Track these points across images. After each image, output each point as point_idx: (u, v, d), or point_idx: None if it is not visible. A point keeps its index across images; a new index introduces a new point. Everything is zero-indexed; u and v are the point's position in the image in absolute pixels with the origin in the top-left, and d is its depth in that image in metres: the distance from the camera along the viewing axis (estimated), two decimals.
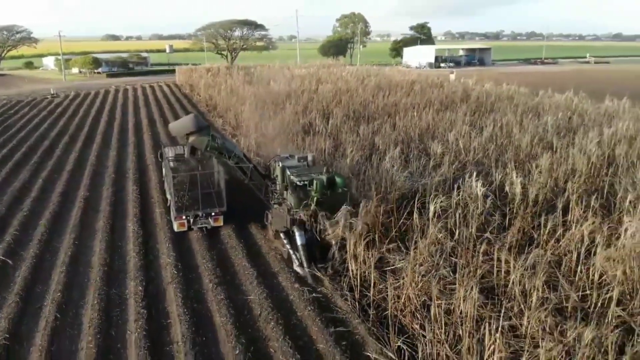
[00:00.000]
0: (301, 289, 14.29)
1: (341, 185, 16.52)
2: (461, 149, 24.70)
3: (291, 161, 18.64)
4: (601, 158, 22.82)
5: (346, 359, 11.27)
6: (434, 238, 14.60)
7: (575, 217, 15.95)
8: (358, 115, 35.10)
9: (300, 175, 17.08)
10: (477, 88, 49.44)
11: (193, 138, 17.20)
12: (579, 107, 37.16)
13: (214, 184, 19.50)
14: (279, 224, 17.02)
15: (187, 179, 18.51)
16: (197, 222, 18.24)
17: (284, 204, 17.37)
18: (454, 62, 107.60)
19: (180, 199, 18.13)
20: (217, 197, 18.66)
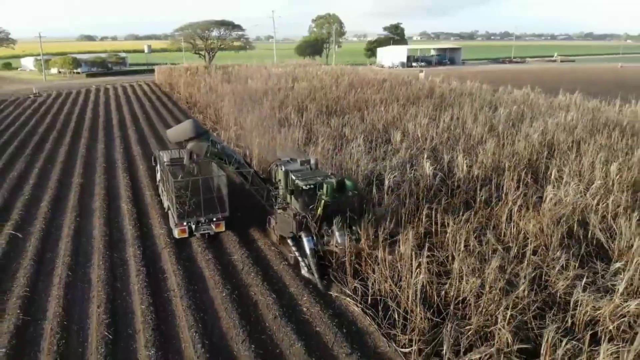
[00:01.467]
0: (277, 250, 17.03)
1: (351, 188, 16.15)
2: (419, 137, 27.64)
3: (294, 165, 18.21)
4: (542, 144, 25.94)
5: (313, 298, 14.02)
6: (386, 204, 17.50)
7: (508, 189, 18.90)
8: (331, 110, 37.86)
9: (305, 179, 16.54)
10: (442, 85, 52.70)
11: (192, 144, 16.92)
12: (533, 101, 40.56)
13: (215, 189, 18.75)
14: (285, 230, 16.70)
15: (188, 184, 17.76)
16: (199, 228, 17.89)
17: (288, 209, 16.96)
18: (425, 62, 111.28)
19: (181, 205, 17.49)
20: (219, 202, 18.11)
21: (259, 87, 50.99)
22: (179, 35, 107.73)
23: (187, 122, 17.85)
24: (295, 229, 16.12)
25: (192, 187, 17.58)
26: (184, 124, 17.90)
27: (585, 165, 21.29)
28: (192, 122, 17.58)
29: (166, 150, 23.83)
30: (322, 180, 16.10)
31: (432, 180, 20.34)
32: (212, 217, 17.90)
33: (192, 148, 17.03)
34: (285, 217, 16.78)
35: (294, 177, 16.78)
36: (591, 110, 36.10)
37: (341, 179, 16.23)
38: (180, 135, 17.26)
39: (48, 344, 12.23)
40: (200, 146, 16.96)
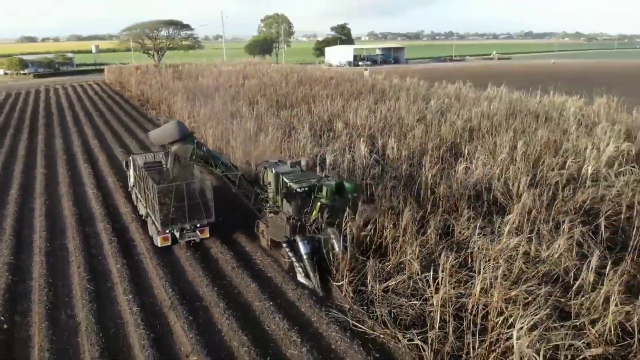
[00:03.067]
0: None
1: (351, 191, 15.91)
2: (358, 126, 30.82)
3: (283, 167, 17.84)
4: (464, 129, 29.56)
5: (265, 253, 16.73)
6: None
7: (429, 164, 22.18)
8: (280, 104, 40.58)
9: (299, 181, 16.23)
10: (384, 82, 56.32)
11: (176, 147, 16.34)
12: (463, 94, 44.63)
13: (199, 193, 17.67)
14: (278, 234, 16.31)
15: (171, 189, 16.71)
16: (184, 235, 17.16)
17: (280, 213, 16.43)
18: (371, 61, 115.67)
19: (165, 212, 16.68)
20: (204, 208, 17.24)
21: (210, 84, 53.16)
22: (127, 34, 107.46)
23: (171, 124, 17.01)
24: (289, 233, 15.63)
25: (176, 192, 16.62)
26: (167, 126, 17.01)
27: (498, 144, 24.94)
28: (177, 124, 16.78)
29: (140, 154, 22.59)
30: (316, 182, 15.92)
31: (368, 160, 23.47)
32: (197, 224, 17.14)
33: (177, 151, 16.44)
34: (277, 221, 16.29)
35: (287, 180, 16.41)
36: (513, 100, 40.28)
37: (340, 181, 16.12)
38: (165, 137, 16.58)
39: (38, 296, 14.38)
40: (185, 149, 16.38)
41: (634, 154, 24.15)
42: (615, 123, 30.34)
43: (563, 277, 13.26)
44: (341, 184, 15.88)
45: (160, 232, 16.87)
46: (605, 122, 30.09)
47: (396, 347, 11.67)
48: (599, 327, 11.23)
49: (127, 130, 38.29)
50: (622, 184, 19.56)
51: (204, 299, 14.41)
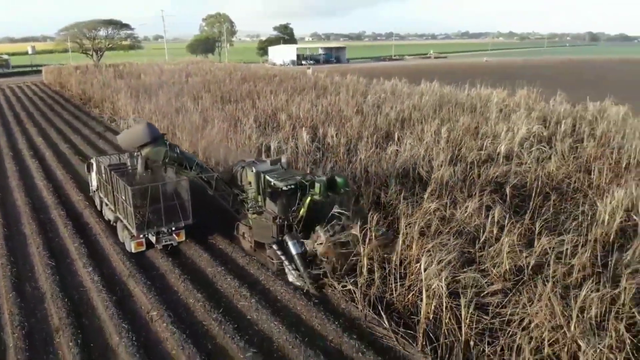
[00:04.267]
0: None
1: (342, 186, 15.59)
2: (301, 117, 32.73)
3: (263, 165, 17.12)
4: (397, 119, 32.06)
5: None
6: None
7: (364, 149, 24.35)
8: (225, 100, 41.88)
9: (284, 179, 15.69)
10: (326, 79, 58.52)
11: (148, 149, 15.55)
12: (399, 89, 47.45)
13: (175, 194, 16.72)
14: (263, 236, 15.60)
15: (147, 191, 15.73)
16: (161, 239, 16.44)
17: (265, 213, 15.73)
18: (313, 60, 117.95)
19: (140, 215, 15.91)
20: (180, 209, 16.50)
21: (153, 82, 53.64)
22: (65, 35, 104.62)
23: (140, 126, 16.07)
24: (276, 234, 15.13)
25: (151, 193, 15.74)
26: (136, 128, 16.15)
27: (425, 131, 27.48)
28: (146, 126, 15.84)
29: (102, 156, 21.44)
30: (302, 180, 15.59)
31: (310, 146, 25.41)
32: (174, 226, 16.50)
33: (148, 154, 15.64)
34: (262, 222, 15.62)
35: (270, 178, 15.86)
36: (444, 93, 43.38)
37: (331, 176, 15.87)
38: (134, 140, 15.72)
39: (2, 273, 15.35)
40: (157, 152, 15.63)
41: (545, 135, 27.35)
42: (532, 111, 33.76)
43: (473, 234, 15.62)
44: (333, 179, 15.57)
45: (135, 236, 16.13)
46: (523, 110, 33.46)
47: (333, 294, 13.62)
48: (499, 269, 13.60)
49: (71, 128, 38.47)
50: (531, 160, 22.48)
51: (160, 268, 15.84)
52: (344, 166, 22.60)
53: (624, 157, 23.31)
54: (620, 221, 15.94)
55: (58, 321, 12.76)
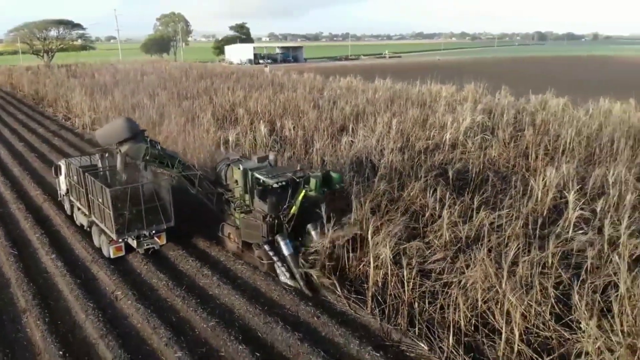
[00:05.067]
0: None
1: (337, 181, 15.30)
2: (259, 112, 33.52)
3: (250, 163, 16.59)
4: (352, 112, 33.27)
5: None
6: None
7: (319, 140, 25.38)
8: (182, 96, 42.11)
9: (274, 176, 15.17)
10: (284, 77, 59.38)
11: (127, 146, 14.73)
12: (354, 86, 48.83)
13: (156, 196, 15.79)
14: (252, 236, 15.07)
15: (127, 193, 14.93)
16: (142, 243, 15.73)
17: (254, 212, 15.18)
18: (271, 59, 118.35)
19: (121, 218, 15.02)
20: (162, 211, 15.71)
21: (107, 80, 53.17)
22: (14, 35, 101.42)
23: (119, 121, 15.51)
24: (266, 233, 14.65)
25: (132, 195, 15.00)
26: (115, 123, 15.49)
27: (377, 123, 28.75)
28: (126, 121, 15.23)
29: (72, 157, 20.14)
30: (293, 177, 15.11)
31: (268, 139, 26.28)
32: (156, 229, 15.73)
33: (128, 151, 14.82)
34: (251, 222, 15.03)
35: (259, 176, 15.27)
36: (396, 89, 45.01)
37: (327, 172, 15.45)
38: (112, 136, 14.96)
39: None
40: (137, 148, 14.85)
41: (489, 125, 29.09)
42: (478, 104, 35.62)
43: (418, 211, 16.86)
44: (328, 175, 15.16)
45: (113, 241, 15.50)
46: (470, 103, 35.29)
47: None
48: (441, 240, 14.86)
49: (25, 127, 37.88)
50: (475, 147, 24.07)
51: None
52: (301, 156, 23.56)
53: (561, 143, 25.18)
54: (554, 197, 17.52)
55: (25, 303, 13.20)
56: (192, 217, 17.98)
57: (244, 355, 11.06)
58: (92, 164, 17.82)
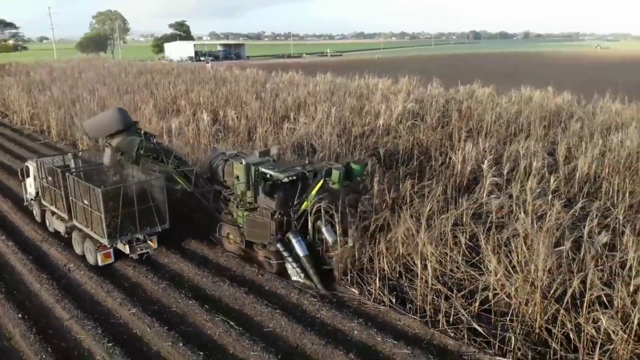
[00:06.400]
0: None
1: (359, 173, 14.20)
2: (201, 103, 34.30)
3: (251, 157, 15.49)
4: (294, 103, 34.64)
5: None
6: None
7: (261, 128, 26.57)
8: (122, 91, 42.09)
9: (284, 170, 14.21)
10: (226, 73, 59.94)
11: (120, 139, 13.53)
12: (296, 80, 50.23)
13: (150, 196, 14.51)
14: (259, 235, 14.20)
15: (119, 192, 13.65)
16: (135, 248, 14.50)
17: (260, 209, 14.34)
18: (212, 57, 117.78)
19: (112, 221, 13.71)
20: (156, 212, 14.52)
21: (44, 78, 52.05)
22: None
23: (110, 112, 14.36)
24: (275, 231, 13.88)
25: (124, 195, 13.74)
26: (106, 114, 14.36)
27: (318, 111, 30.26)
28: (118, 112, 14.10)
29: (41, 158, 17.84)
30: (303, 170, 14.27)
31: (212, 128, 27.20)
32: (150, 232, 14.55)
33: (120, 145, 13.58)
34: (257, 220, 14.15)
35: (266, 170, 14.27)
36: (337, 83, 46.77)
37: (346, 164, 14.25)
38: (103, 128, 13.82)
39: None
40: (130, 141, 13.61)
41: (420, 113, 31.19)
42: (411, 94, 37.84)
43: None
44: (348, 166, 13.96)
45: (101, 247, 14.14)
46: (404, 94, 37.44)
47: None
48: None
49: None
50: (406, 131, 25.99)
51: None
52: (245, 143, 24.68)
53: (483, 126, 27.55)
54: (472, 169, 19.56)
55: None
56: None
57: (194, 309, 12.19)
58: (65, 164, 16.16)
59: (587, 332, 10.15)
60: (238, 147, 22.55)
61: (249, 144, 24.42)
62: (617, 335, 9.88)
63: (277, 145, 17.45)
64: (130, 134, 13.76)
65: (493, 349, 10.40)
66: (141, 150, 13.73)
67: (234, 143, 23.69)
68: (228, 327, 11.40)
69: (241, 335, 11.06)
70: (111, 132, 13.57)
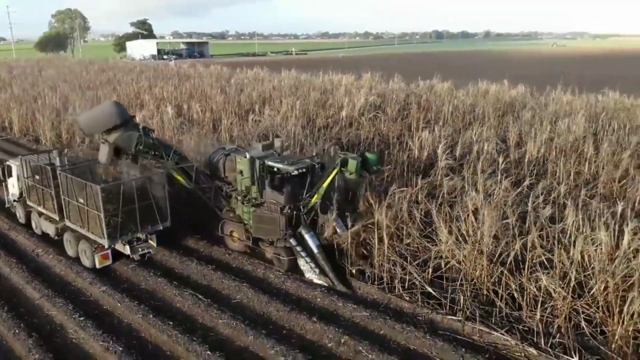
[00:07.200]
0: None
1: (374, 162, 13.58)
2: (165, 98, 34.46)
3: (254, 151, 15.00)
4: (259, 97, 35.19)
5: None
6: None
7: (226, 120, 27.02)
8: (85, 87, 41.76)
9: (293, 163, 13.92)
10: (190, 70, 59.85)
11: (118, 134, 12.84)
12: (261, 76, 50.71)
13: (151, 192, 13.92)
14: (268, 231, 13.63)
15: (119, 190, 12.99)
16: (136, 249, 13.91)
17: (267, 204, 13.79)
18: (176, 55, 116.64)
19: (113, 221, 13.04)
20: (157, 210, 13.98)
21: (5, 76, 51.14)
22: None
23: (106, 106, 13.57)
24: (284, 227, 13.33)
25: (125, 192, 13.09)
26: (102, 109, 13.51)
27: (283, 104, 30.90)
28: (114, 105, 13.35)
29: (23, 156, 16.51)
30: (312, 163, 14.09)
31: (176, 120, 27.51)
32: (151, 231, 14.00)
33: (118, 140, 12.93)
34: (265, 216, 13.61)
35: (273, 164, 13.90)
36: (301, 79, 47.51)
37: (361, 153, 13.81)
38: (100, 123, 12.94)
39: None
40: (128, 137, 12.96)
41: (382, 107, 32.19)
42: (373, 89, 38.89)
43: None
44: (363, 156, 13.41)
45: (98, 248, 13.46)
46: (366, 89, 38.44)
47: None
48: None
49: None
50: (368, 123, 26.91)
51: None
52: (210, 134, 25.12)
53: (441, 117, 28.73)
54: (428, 156, 20.57)
55: None
56: None
57: (163, 285, 12.68)
58: (51, 162, 14.98)
59: (530, 291, 11.14)
60: (203, 139, 23.02)
61: (214, 135, 24.87)
62: (556, 293, 10.89)
63: (280, 138, 16.81)
64: (128, 129, 13.03)
65: (444, 309, 11.31)
66: (140, 145, 13.09)
67: (199, 134, 24.06)
68: (196, 299, 11.97)
69: (209, 307, 11.64)
70: (108, 127, 12.74)
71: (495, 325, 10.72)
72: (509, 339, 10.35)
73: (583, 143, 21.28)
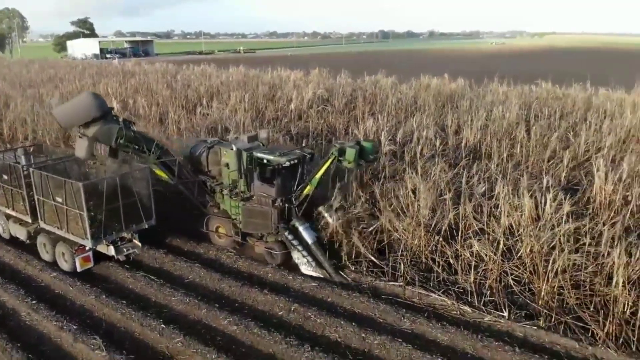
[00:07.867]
0: None
1: (371, 152, 13.33)
2: (110, 93, 34.12)
3: (240, 143, 14.55)
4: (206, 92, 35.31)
5: None
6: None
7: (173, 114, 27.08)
8: (25, 85, 40.68)
9: (283, 154, 13.55)
10: (135, 67, 58.85)
11: (97, 127, 12.17)
12: (208, 72, 50.67)
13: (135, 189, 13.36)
14: (258, 226, 13.47)
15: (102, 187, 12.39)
16: (120, 249, 13.20)
17: (256, 198, 13.57)
18: (119, 54, 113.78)
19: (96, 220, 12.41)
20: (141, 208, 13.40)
21: None
22: None
23: (85, 97, 12.63)
24: (276, 220, 13.16)
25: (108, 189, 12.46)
26: (80, 100, 12.53)
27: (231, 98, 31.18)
28: (93, 97, 12.48)
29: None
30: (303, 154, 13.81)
31: (121, 114, 27.30)
32: (136, 230, 13.44)
33: (97, 134, 12.27)
34: (255, 209, 13.40)
35: (262, 155, 13.51)
36: (250, 75, 47.83)
37: (357, 142, 13.38)
38: (78, 115, 12.12)
39: None
40: (108, 130, 12.33)
41: (330, 100, 33.02)
42: (321, 84, 39.69)
43: None
44: (360, 145, 13.15)
45: (79, 250, 12.79)
46: (314, 83, 39.20)
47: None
48: None
49: None
50: (316, 115, 27.67)
51: None
52: (157, 127, 25.16)
53: (385, 109, 29.81)
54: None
55: None
56: None
57: (115, 270, 12.91)
58: (16, 161, 14.21)
59: (464, 257, 12.13)
60: (150, 131, 23.07)
61: (161, 129, 24.91)
62: (487, 257, 11.91)
63: (266, 129, 16.46)
64: (108, 121, 12.42)
65: (387, 276, 12.12)
66: (121, 139, 12.47)
67: (146, 127, 24.07)
68: (149, 280, 12.29)
69: (162, 286, 12.00)
70: (87, 120, 12.02)
71: (433, 289, 11.62)
72: (446, 300, 11.28)
73: (516, 128, 22.79)
